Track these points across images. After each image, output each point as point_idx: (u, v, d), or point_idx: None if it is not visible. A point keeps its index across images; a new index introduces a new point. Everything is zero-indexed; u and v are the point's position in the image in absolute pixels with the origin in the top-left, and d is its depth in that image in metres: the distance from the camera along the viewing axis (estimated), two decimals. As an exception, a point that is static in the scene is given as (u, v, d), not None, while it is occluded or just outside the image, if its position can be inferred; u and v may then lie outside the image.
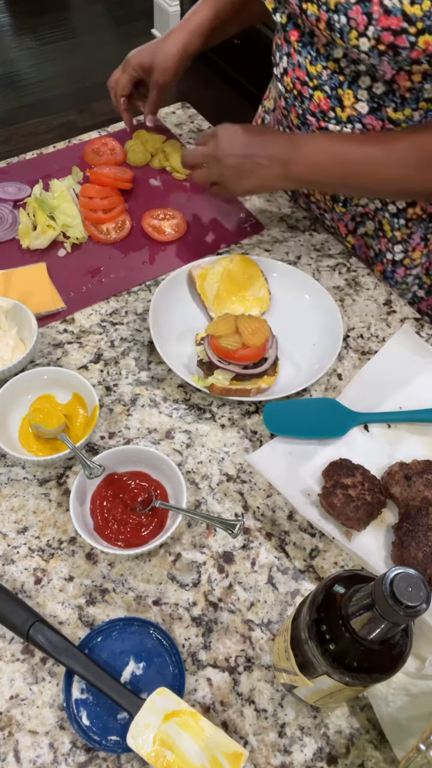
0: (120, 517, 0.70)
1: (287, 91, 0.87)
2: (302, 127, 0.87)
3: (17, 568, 0.68)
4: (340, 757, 0.60)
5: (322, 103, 0.82)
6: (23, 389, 0.78)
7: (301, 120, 0.87)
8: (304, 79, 0.83)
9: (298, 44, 0.82)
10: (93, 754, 0.59)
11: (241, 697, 0.63)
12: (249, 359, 0.81)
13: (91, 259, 0.97)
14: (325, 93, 0.81)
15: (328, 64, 0.79)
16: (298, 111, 0.86)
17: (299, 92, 0.84)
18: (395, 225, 0.94)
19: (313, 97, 0.83)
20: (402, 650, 0.48)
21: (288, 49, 0.84)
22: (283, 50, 0.85)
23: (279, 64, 0.87)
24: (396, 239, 0.96)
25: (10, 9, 3.44)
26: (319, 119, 0.84)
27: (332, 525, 0.72)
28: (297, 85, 0.84)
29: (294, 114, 0.88)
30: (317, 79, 0.81)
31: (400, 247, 0.97)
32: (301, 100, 0.85)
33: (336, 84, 0.80)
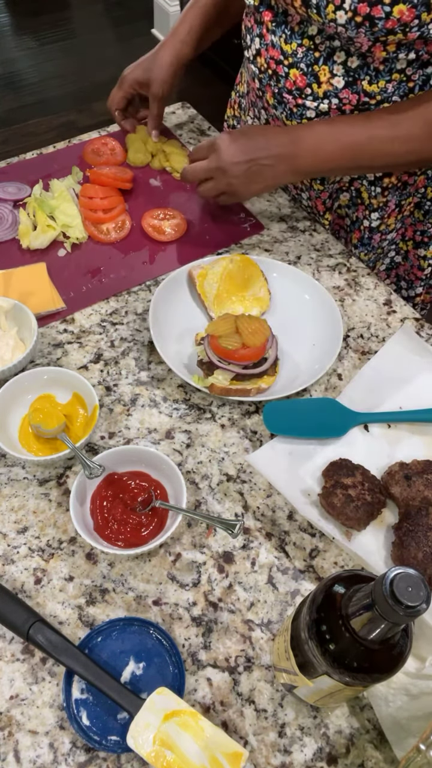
0: (120, 517, 0.70)
1: (261, 72, 0.88)
2: (278, 106, 0.89)
3: (17, 568, 0.68)
4: (340, 757, 0.60)
5: (298, 81, 0.83)
6: (23, 389, 0.78)
7: (278, 99, 0.88)
8: (279, 58, 0.84)
9: (272, 24, 0.83)
10: (93, 754, 0.59)
11: (241, 697, 0.63)
12: (249, 359, 0.81)
13: (91, 259, 0.97)
14: (300, 70, 0.82)
15: (303, 42, 0.81)
16: (273, 90, 0.87)
17: (274, 71, 0.85)
18: (372, 193, 0.97)
19: (288, 75, 0.84)
20: (402, 650, 0.48)
21: (260, 30, 0.85)
22: (254, 32, 0.86)
23: (251, 46, 0.89)
24: (373, 206, 0.99)
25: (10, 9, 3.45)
26: (296, 97, 0.85)
27: (332, 525, 0.72)
28: (272, 64, 0.85)
29: (269, 93, 0.89)
30: (292, 57, 0.82)
31: (377, 214, 1.00)
32: (276, 79, 0.86)
33: (311, 61, 0.81)
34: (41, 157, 1.11)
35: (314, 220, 1.06)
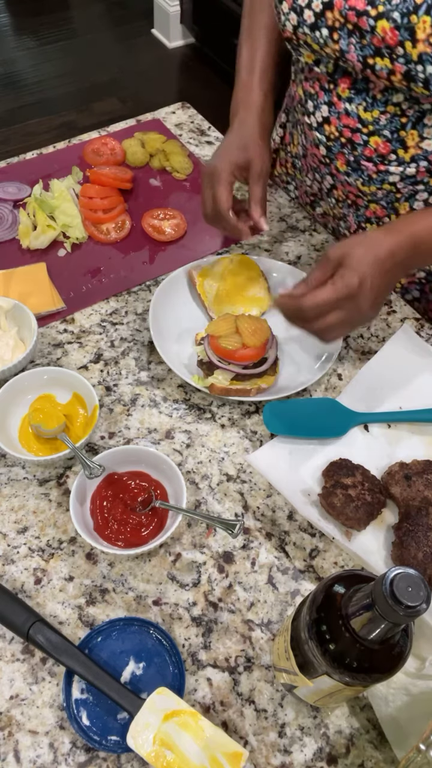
0: (120, 517, 0.70)
1: (331, 140, 0.83)
2: (353, 173, 0.84)
3: (17, 568, 0.68)
4: (340, 757, 0.60)
5: (380, 148, 0.79)
6: (23, 389, 0.78)
7: (352, 167, 0.83)
8: (356, 126, 0.79)
9: (350, 92, 0.77)
10: (93, 754, 0.59)
11: (241, 697, 0.63)
12: (249, 359, 0.81)
13: (91, 259, 0.97)
14: (383, 137, 0.78)
15: (387, 109, 0.76)
16: (348, 158, 0.83)
17: (349, 140, 0.81)
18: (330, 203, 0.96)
19: (368, 142, 0.79)
20: (402, 650, 0.48)
21: (329, 98, 0.80)
22: (320, 99, 0.81)
23: (314, 114, 0.83)
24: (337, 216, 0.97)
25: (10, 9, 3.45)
26: (377, 163, 0.81)
27: (332, 525, 0.72)
28: (346, 132, 0.80)
29: (341, 161, 0.84)
30: (373, 125, 0.78)
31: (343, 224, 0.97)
32: (352, 147, 0.81)
33: (397, 127, 0.76)
34: (41, 157, 1.11)
35: (315, 219, 1.06)
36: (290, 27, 0.77)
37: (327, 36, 0.73)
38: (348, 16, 0.70)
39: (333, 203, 0.96)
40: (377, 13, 0.67)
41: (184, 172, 1.10)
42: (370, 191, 0.85)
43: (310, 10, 0.73)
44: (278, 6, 0.77)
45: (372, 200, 0.87)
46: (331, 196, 0.95)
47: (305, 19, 0.74)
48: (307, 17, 0.74)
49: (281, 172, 1.11)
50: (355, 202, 0.90)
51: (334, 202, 0.95)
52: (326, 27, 0.73)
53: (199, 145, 1.17)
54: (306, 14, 0.74)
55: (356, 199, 0.89)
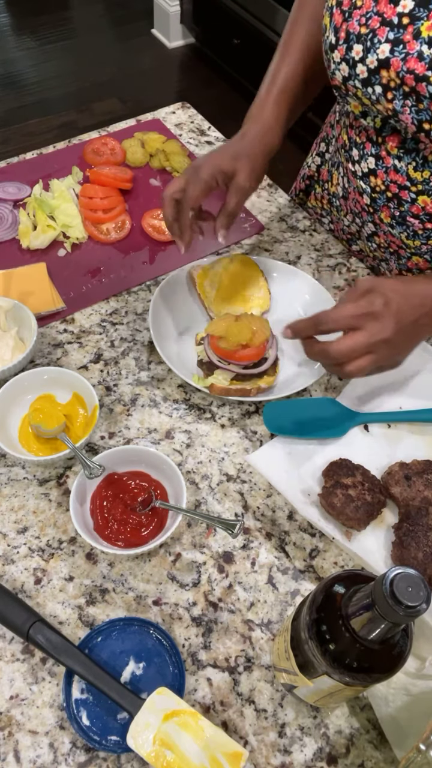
0: (120, 517, 0.70)
1: (376, 192, 0.81)
2: (397, 226, 0.82)
3: (17, 568, 0.68)
4: (340, 757, 0.60)
5: (428, 207, 0.76)
6: (23, 389, 0.78)
7: (398, 220, 0.81)
8: (404, 184, 0.76)
9: (399, 150, 0.74)
10: (93, 754, 0.59)
11: (241, 697, 0.63)
12: (249, 359, 0.81)
13: (91, 259, 0.97)
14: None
15: None
16: (393, 212, 0.80)
17: (395, 195, 0.78)
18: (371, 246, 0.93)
19: (416, 201, 0.76)
20: (402, 650, 0.48)
21: (377, 151, 0.77)
22: (368, 150, 0.79)
23: (359, 163, 0.81)
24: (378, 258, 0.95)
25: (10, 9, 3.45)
26: (423, 221, 0.78)
27: (332, 525, 0.72)
28: (393, 188, 0.78)
29: (386, 214, 0.82)
30: (423, 185, 0.75)
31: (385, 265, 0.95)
32: (398, 203, 0.79)
33: None
34: (41, 157, 1.11)
35: (315, 220, 1.06)
36: (340, 77, 0.72)
37: (380, 94, 0.69)
38: (405, 78, 0.65)
39: (374, 247, 0.93)
40: None
41: (184, 172, 1.10)
42: (414, 245, 0.83)
43: (363, 66, 0.69)
44: (329, 53, 0.72)
45: (415, 253, 0.85)
46: (372, 241, 0.92)
47: (358, 74, 0.70)
48: (360, 72, 0.69)
49: (316, 205, 1.08)
50: (397, 252, 0.88)
51: (375, 247, 0.93)
52: (380, 85, 0.68)
53: (199, 145, 1.17)
54: (359, 69, 0.69)
55: (398, 249, 0.87)
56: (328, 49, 0.72)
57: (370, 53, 0.67)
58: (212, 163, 0.78)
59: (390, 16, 0.65)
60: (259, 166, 0.80)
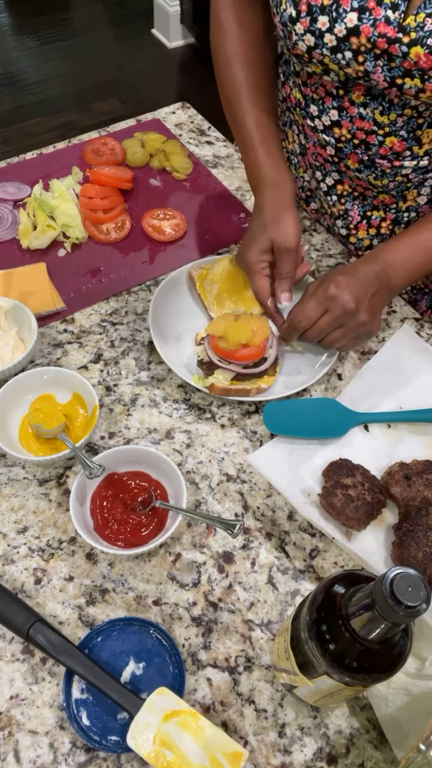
0: (120, 517, 0.70)
1: (342, 142, 0.83)
2: (365, 169, 0.85)
3: (17, 568, 0.68)
4: (340, 757, 0.60)
5: (396, 146, 0.80)
6: (23, 389, 0.78)
7: (365, 164, 0.84)
8: (371, 128, 0.79)
9: (365, 98, 0.77)
10: (93, 754, 0.59)
11: (241, 697, 0.63)
12: (249, 359, 0.81)
13: (91, 259, 0.97)
14: (400, 137, 0.78)
15: (404, 112, 0.76)
16: (361, 157, 0.83)
17: (363, 141, 0.81)
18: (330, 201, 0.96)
19: (384, 142, 0.80)
20: (402, 650, 0.48)
21: (339, 103, 0.80)
22: (328, 104, 0.81)
23: (320, 117, 0.83)
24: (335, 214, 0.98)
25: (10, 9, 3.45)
26: (391, 160, 0.82)
27: (332, 525, 0.72)
28: (359, 134, 0.81)
29: (353, 160, 0.85)
30: (390, 127, 0.78)
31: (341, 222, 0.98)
32: (366, 148, 0.82)
33: (414, 127, 0.77)
34: (41, 157, 1.11)
35: (316, 220, 1.06)
36: (303, 47, 0.74)
37: (350, 58, 0.71)
38: (377, 42, 0.68)
39: (334, 200, 0.95)
40: (410, 40, 0.66)
41: (184, 172, 1.10)
42: (382, 184, 0.86)
43: (331, 35, 0.71)
44: (288, 26, 0.74)
45: (382, 191, 0.88)
46: (332, 193, 0.95)
47: (326, 42, 0.72)
48: (328, 41, 0.71)
49: None
50: (363, 194, 0.91)
51: (335, 199, 0.95)
52: (350, 50, 0.71)
53: (199, 145, 1.17)
54: (327, 38, 0.71)
55: (364, 191, 0.90)
56: (288, 21, 0.74)
57: (338, 23, 0.70)
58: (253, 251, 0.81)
59: None
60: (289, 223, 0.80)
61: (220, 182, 1.10)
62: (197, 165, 1.12)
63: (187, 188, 1.09)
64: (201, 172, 1.12)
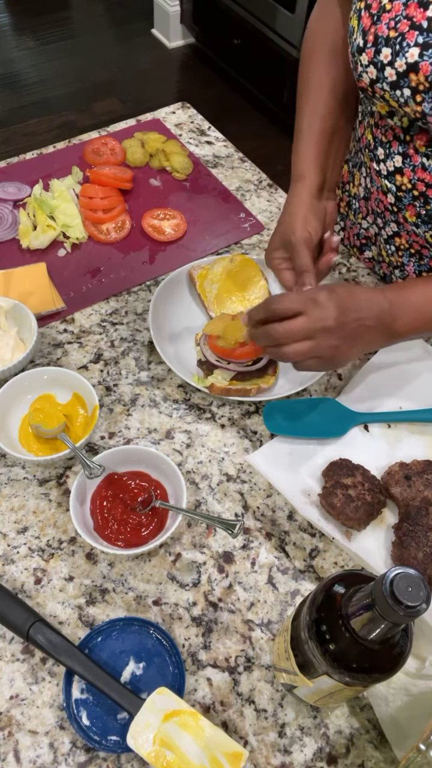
0: (120, 517, 0.70)
1: (402, 191, 0.81)
2: (422, 225, 0.82)
3: (17, 568, 0.68)
4: (340, 757, 0.60)
5: None
6: (23, 389, 0.78)
7: (423, 219, 0.81)
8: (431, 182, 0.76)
9: (427, 149, 0.74)
10: (93, 754, 0.59)
11: (241, 697, 0.63)
12: (248, 356, 0.81)
13: (91, 259, 0.97)
14: None
15: None
16: (419, 211, 0.80)
17: (422, 194, 0.78)
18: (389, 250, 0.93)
19: None
20: (402, 650, 0.48)
21: (404, 149, 0.77)
22: (395, 149, 0.78)
23: (384, 162, 0.81)
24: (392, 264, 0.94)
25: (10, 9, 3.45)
26: None
27: (332, 525, 0.72)
28: (420, 186, 0.77)
29: (411, 212, 0.81)
30: None
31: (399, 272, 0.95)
32: (424, 201, 0.78)
33: None
34: (41, 157, 1.11)
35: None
36: (367, 80, 0.72)
37: (409, 96, 0.69)
38: None
39: (392, 251, 0.92)
40: None
41: (184, 172, 1.10)
42: None
43: (392, 69, 0.68)
44: (356, 56, 0.72)
45: None
46: (390, 243, 0.92)
47: (386, 77, 0.69)
48: (388, 75, 0.69)
49: None
50: (420, 252, 0.88)
51: (393, 250, 0.92)
52: (409, 88, 0.68)
53: (199, 145, 1.17)
54: (387, 72, 0.69)
55: (421, 248, 0.87)
56: (356, 51, 0.72)
57: (399, 57, 0.67)
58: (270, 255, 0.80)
59: (419, 20, 0.65)
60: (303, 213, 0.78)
61: (220, 182, 1.10)
62: (197, 165, 1.12)
63: (187, 188, 1.09)
64: (201, 172, 1.12)
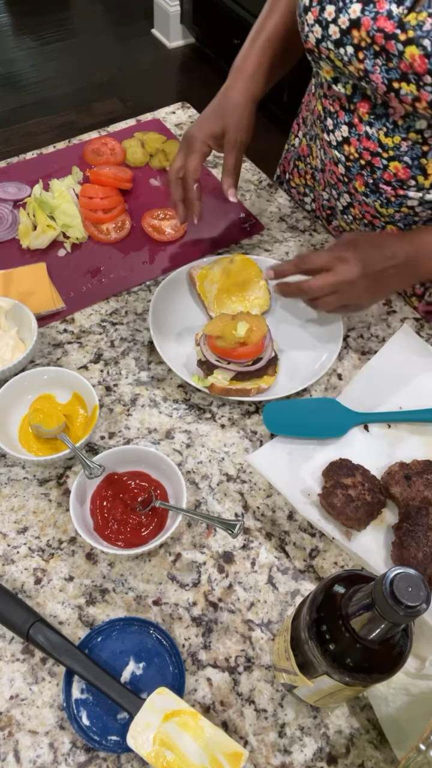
0: (120, 517, 0.70)
1: (350, 161, 0.82)
2: (371, 194, 0.83)
3: (17, 568, 0.68)
4: (340, 757, 0.60)
5: (399, 173, 0.78)
6: (23, 389, 0.78)
7: (371, 188, 0.82)
8: (376, 150, 0.78)
9: (369, 116, 0.76)
10: (93, 754, 0.59)
11: (241, 697, 0.63)
12: (248, 356, 0.81)
13: (91, 259, 0.97)
14: (404, 163, 0.77)
15: (408, 136, 0.74)
16: (366, 180, 0.82)
17: (368, 162, 0.80)
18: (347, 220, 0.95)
19: (388, 167, 0.78)
20: (402, 650, 0.48)
21: (350, 119, 0.79)
22: (341, 119, 0.80)
23: (333, 131, 0.82)
24: None
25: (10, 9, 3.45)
26: (395, 188, 0.80)
27: (332, 525, 0.72)
28: (365, 155, 0.79)
29: (360, 182, 0.83)
30: (394, 151, 0.76)
31: None
32: (371, 170, 0.80)
33: (418, 154, 0.75)
34: (41, 157, 1.11)
35: (314, 220, 1.06)
36: (313, 39, 0.74)
37: (352, 54, 0.70)
38: (375, 37, 0.67)
39: (350, 220, 0.94)
40: (407, 38, 0.65)
41: (184, 172, 1.10)
42: (388, 213, 0.84)
43: (335, 26, 0.70)
44: (303, 16, 0.74)
45: (389, 221, 0.86)
46: (347, 214, 0.93)
47: (330, 35, 0.71)
48: (332, 33, 0.71)
49: (299, 183, 1.08)
50: (372, 222, 0.89)
51: (351, 219, 0.93)
52: (351, 45, 0.70)
53: (199, 145, 1.17)
54: (332, 29, 0.71)
55: (373, 219, 0.88)
56: (302, 11, 0.74)
57: (342, 13, 0.69)
58: (202, 130, 0.83)
59: None
60: (246, 117, 0.83)
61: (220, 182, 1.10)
62: (197, 165, 1.12)
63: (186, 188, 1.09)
64: (201, 172, 1.11)
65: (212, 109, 0.84)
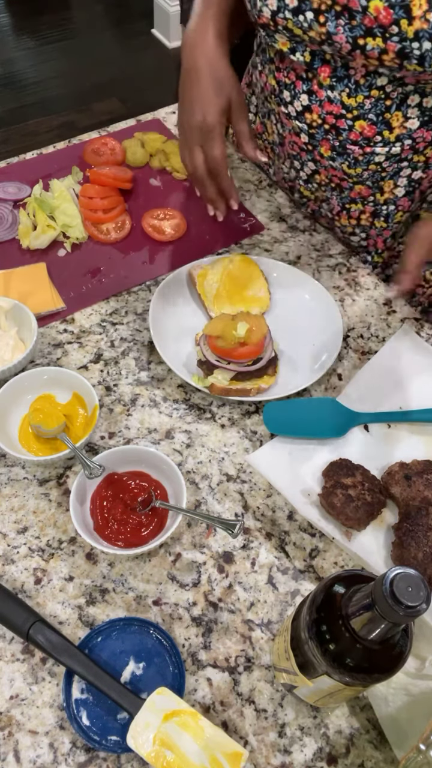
0: (120, 517, 0.70)
1: (313, 128, 0.83)
2: (338, 157, 0.85)
3: (17, 568, 0.68)
4: (340, 757, 0.60)
5: (366, 131, 0.80)
6: (23, 389, 0.78)
7: (338, 151, 0.84)
8: (340, 112, 0.79)
9: (331, 80, 0.77)
10: (93, 754, 0.59)
11: (241, 697, 0.63)
12: (248, 356, 0.81)
13: (91, 259, 0.97)
14: (369, 120, 0.79)
15: (371, 93, 0.76)
16: (333, 144, 0.84)
17: (333, 126, 0.81)
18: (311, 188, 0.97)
19: (353, 127, 0.80)
20: (402, 650, 0.48)
21: (308, 87, 0.80)
22: (299, 88, 0.81)
23: (292, 103, 0.83)
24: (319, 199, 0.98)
25: (10, 9, 3.44)
26: (363, 146, 0.82)
27: (332, 525, 0.72)
28: (329, 119, 0.81)
29: (326, 147, 0.85)
30: (358, 110, 0.78)
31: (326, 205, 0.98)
32: (336, 133, 0.82)
33: (382, 110, 0.77)
34: (41, 157, 1.11)
35: (314, 219, 1.06)
36: (268, 12, 0.74)
37: (312, 19, 0.71)
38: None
39: (314, 188, 0.95)
40: None
41: (184, 172, 1.10)
42: (356, 173, 0.86)
43: None
44: None
45: (357, 181, 0.88)
46: (312, 182, 0.95)
47: (287, 4, 0.71)
48: (289, 2, 0.71)
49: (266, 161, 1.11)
50: (339, 185, 0.91)
51: (315, 187, 0.95)
52: (311, 10, 0.70)
53: (199, 145, 1.17)
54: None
55: (341, 181, 0.90)
56: None
57: None
58: (213, 111, 0.80)
59: None
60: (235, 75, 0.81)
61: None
62: (197, 165, 1.12)
63: (187, 188, 1.09)
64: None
65: (206, 84, 0.80)
